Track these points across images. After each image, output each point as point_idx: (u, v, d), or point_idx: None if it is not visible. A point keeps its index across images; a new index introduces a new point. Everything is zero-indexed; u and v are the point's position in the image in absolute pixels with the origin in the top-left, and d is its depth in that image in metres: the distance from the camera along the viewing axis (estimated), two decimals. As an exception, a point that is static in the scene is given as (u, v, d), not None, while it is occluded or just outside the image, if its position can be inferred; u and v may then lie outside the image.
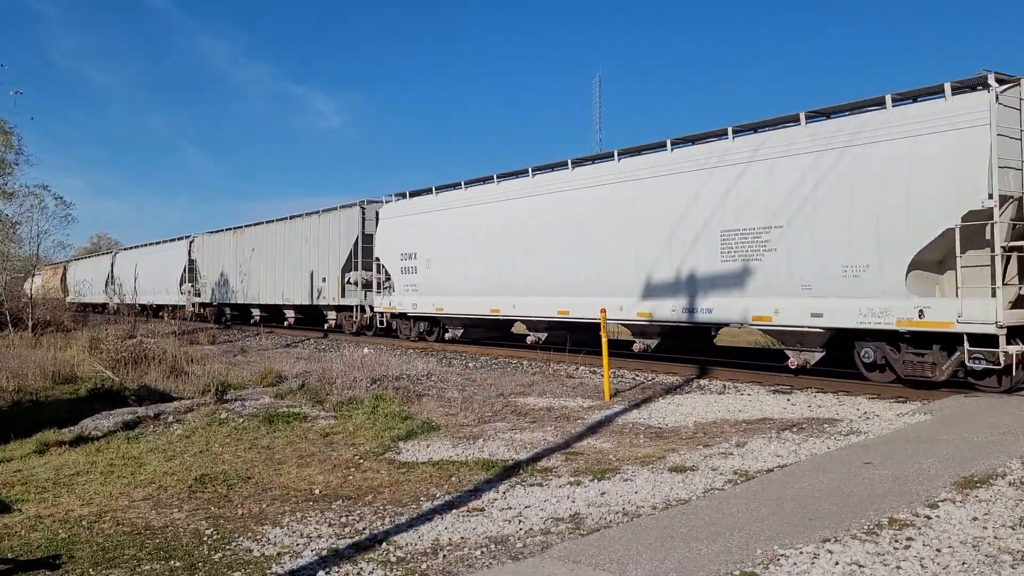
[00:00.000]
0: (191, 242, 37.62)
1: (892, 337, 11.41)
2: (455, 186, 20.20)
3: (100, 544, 5.63)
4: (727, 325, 13.91)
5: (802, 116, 12.52)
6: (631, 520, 5.76)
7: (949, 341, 10.82)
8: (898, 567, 4.46)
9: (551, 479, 7.12)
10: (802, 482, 6.41)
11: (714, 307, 13.52)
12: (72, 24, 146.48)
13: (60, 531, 5.97)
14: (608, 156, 16.12)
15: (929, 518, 5.29)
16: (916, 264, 10.93)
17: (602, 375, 12.08)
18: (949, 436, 7.90)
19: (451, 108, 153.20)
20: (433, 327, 21.92)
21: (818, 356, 12.57)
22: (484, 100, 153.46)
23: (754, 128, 13.42)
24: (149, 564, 5.22)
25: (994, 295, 10.16)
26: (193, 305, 35.91)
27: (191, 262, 37.36)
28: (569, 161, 16.90)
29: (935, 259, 10.98)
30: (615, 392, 12.13)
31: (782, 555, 4.66)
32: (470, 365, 16.91)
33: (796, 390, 12.23)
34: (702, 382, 13.38)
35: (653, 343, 15.74)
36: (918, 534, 4.98)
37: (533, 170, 17.75)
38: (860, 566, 4.48)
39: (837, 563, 4.52)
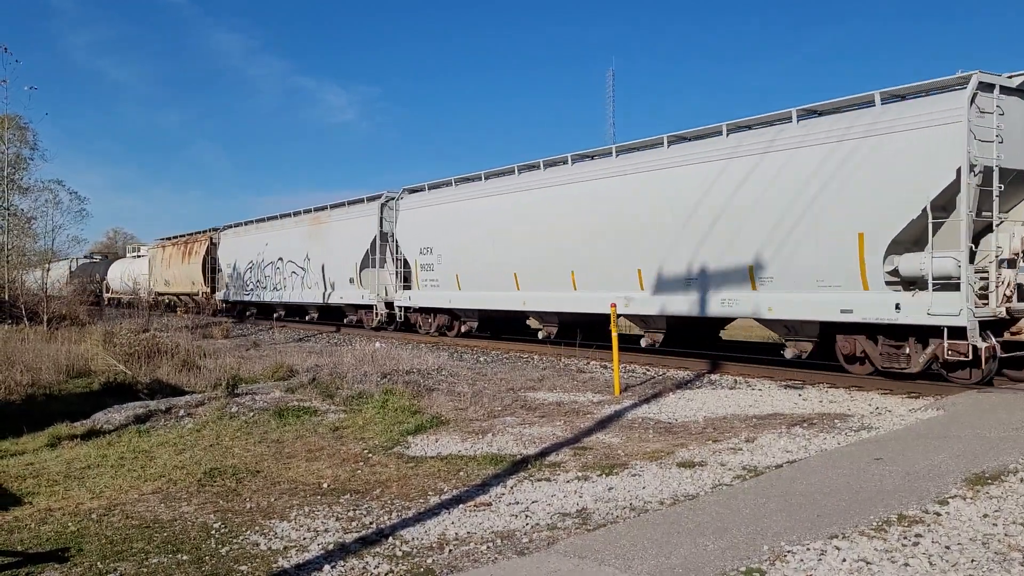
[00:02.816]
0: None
1: None
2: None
3: (109, 537, 5.67)
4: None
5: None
6: (638, 515, 5.74)
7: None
8: (906, 564, 4.42)
9: (559, 474, 7.10)
10: (811, 478, 6.37)
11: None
12: (87, 20, 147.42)
13: (70, 524, 6.01)
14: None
15: (939, 515, 5.25)
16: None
17: (612, 370, 12.04)
18: (961, 432, 7.83)
19: (464, 102, 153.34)
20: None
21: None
22: (498, 94, 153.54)
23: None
24: (157, 557, 5.24)
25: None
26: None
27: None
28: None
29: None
30: (625, 387, 12.09)
31: (789, 551, 4.63)
32: (481, 359, 16.92)
33: (808, 385, 12.16)
34: (713, 377, 13.33)
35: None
36: (927, 531, 4.94)
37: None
38: (868, 563, 4.45)
39: (844, 560, 4.49)
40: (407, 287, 22.83)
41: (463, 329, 21.53)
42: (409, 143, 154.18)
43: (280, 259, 30.15)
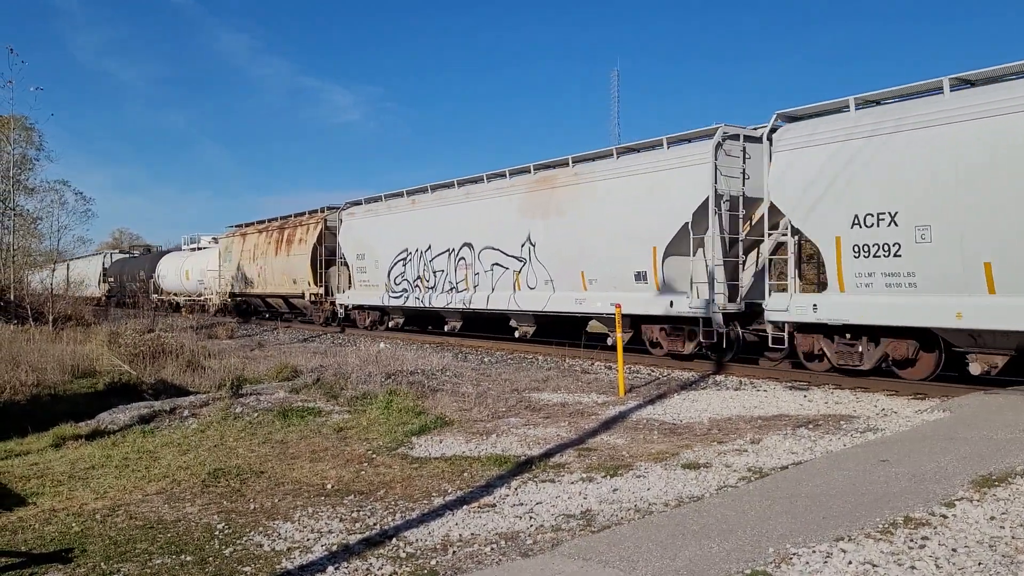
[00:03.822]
0: None
1: None
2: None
3: (112, 538, 5.67)
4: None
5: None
6: (643, 517, 5.71)
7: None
8: (912, 567, 4.39)
9: (563, 475, 7.08)
10: (817, 480, 6.33)
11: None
12: (93, 20, 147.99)
13: (74, 524, 6.01)
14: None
15: (945, 517, 5.21)
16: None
17: (617, 371, 12.01)
18: (968, 434, 7.78)
19: (467, 102, 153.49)
20: None
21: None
22: (499, 94, 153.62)
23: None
24: (160, 558, 5.24)
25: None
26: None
27: None
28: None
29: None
30: (630, 388, 12.07)
31: (794, 554, 4.60)
32: (485, 360, 16.90)
33: (813, 387, 12.12)
34: (718, 378, 13.29)
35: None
36: (934, 533, 4.91)
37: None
38: (874, 566, 4.42)
39: (850, 562, 4.46)
40: (782, 286, 13.37)
41: (990, 369, 10.75)
42: (413, 143, 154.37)
43: (466, 246, 20.04)
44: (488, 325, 21.51)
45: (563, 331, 18.62)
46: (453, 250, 20.67)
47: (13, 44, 39.34)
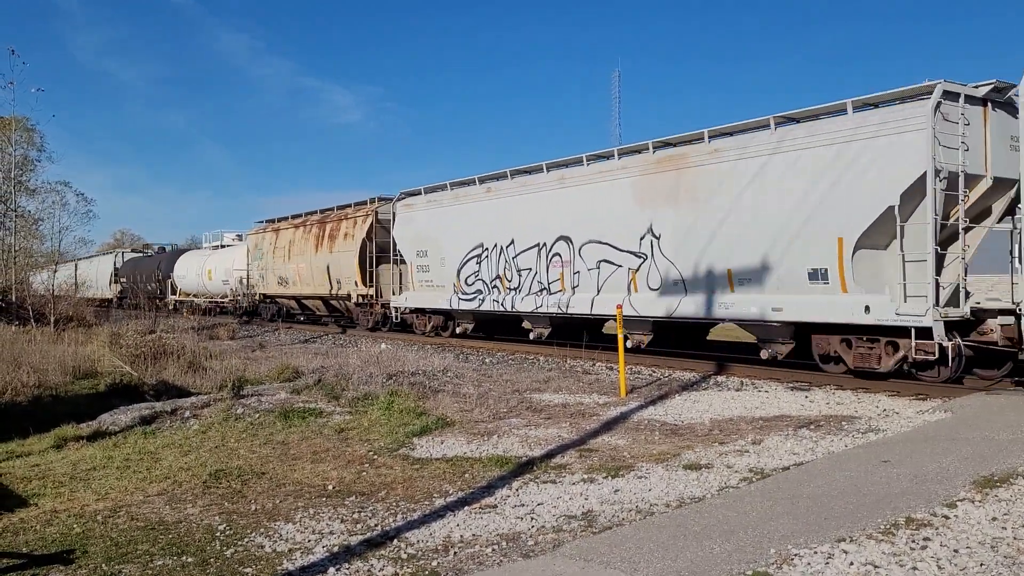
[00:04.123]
0: None
1: None
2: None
3: (114, 539, 5.67)
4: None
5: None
6: (644, 518, 5.71)
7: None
8: (914, 568, 4.39)
9: (565, 476, 7.08)
10: (818, 480, 6.33)
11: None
12: (93, 20, 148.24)
13: (75, 526, 6.01)
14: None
15: (947, 518, 5.21)
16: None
17: (618, 371, 12.01)
18: (970, 435, 7.78)
19: (467, 103, 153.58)
20: None
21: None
22: (503, 94, 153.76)
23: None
24: (161, 559, 5.24)
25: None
26: None
27: None
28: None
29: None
30: (631, 388, 12.06)
31: (796, 555, 4.59)
32: (486, 361, 16.89)
33: (815, 387, 12.11)
34: (719, 379, 13.28)
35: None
36: (936, 534, 4.90)
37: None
38: (875, 567, 4.41)
39: (852, 563, 4.46)
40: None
41: None
42: (413, 143, 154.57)
43: (562, 239, 17.21)
44: (581, 332, 18.21)
45: (686, 340, 16.37)
46: (544, 245, 17.63)
47: (13, 44, 39.40)
